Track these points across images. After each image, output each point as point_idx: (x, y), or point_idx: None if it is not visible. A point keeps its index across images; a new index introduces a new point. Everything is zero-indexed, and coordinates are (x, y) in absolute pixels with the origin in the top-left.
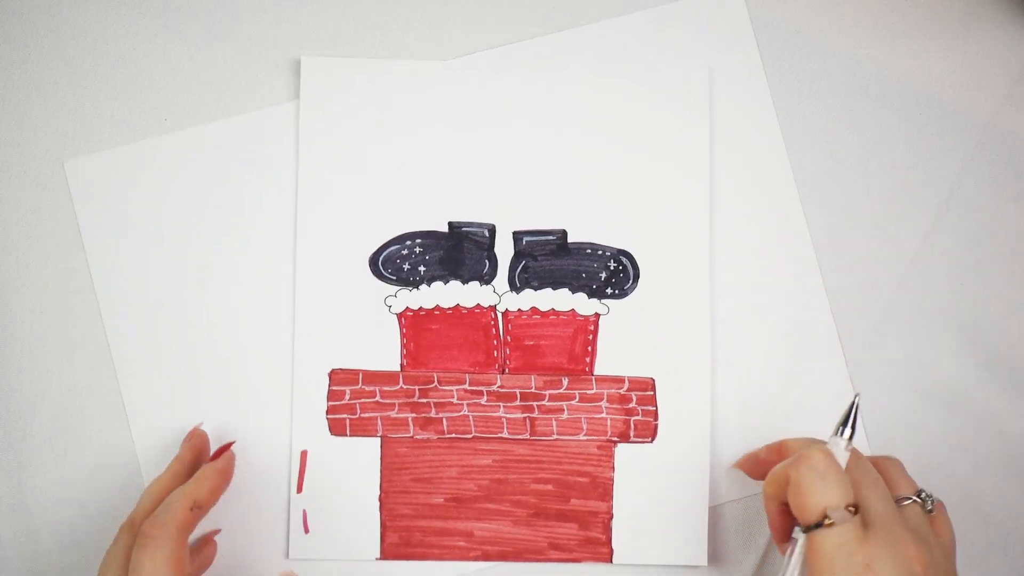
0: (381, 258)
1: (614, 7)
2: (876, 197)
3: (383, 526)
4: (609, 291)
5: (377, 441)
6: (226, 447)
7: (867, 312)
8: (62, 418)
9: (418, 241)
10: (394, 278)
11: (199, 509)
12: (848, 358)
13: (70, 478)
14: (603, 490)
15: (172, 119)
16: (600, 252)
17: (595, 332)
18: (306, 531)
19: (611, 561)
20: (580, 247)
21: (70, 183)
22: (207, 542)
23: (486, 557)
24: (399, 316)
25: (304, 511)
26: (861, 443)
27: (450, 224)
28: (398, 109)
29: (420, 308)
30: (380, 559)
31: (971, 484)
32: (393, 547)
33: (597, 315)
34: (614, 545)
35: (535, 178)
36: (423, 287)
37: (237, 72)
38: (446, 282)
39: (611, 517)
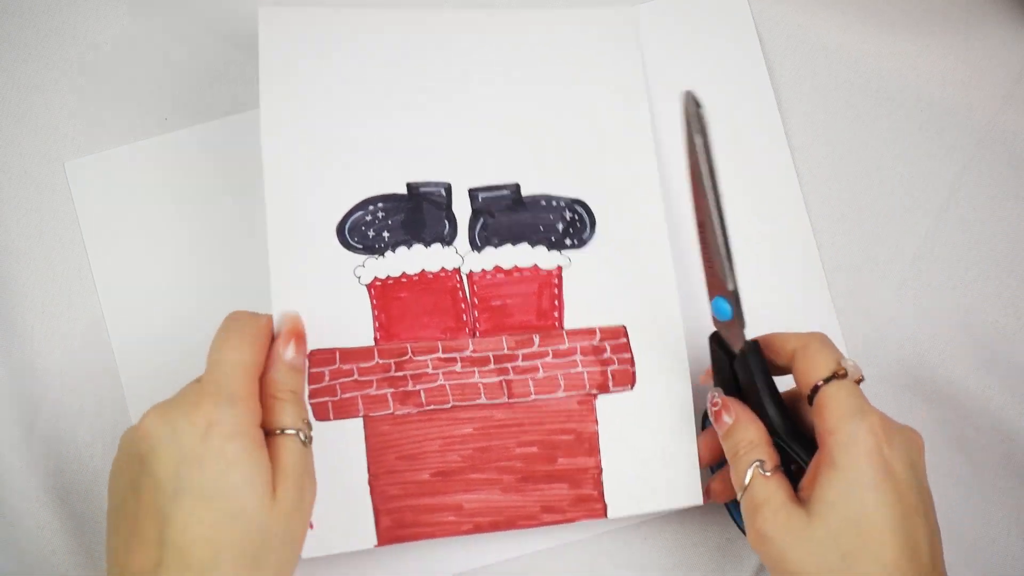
0: (347, 226)
1: None
2: (877, 195)
3: (376, 511)
4: (568, 241)
5: (360, 422)
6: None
7: (867, 312)
8: (62, 418)
9: (380, 205)
10: (360, 246)
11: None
12: (848, 357)
13: (71, 479)
14: (589, 445)
15: (172, 119)
16: (555, 203)
17: (560, 285)
18: (311, 527)
19: (606, 516)
20: (535, 200)
21: (70, 183)
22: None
23: (478, 529)
24: (368, 287)
25: None
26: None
27: (408, 185)
28: (359, 59)
29: (388, 277)
30: (378, 546)
31: (971, 483)
32: (388, 531)
33: (560, 268)
34: (607, 499)
35: (485, 133)
36: (388, 254)
37: (237, 72)
38: (409, 246)
39: (600, 471)
